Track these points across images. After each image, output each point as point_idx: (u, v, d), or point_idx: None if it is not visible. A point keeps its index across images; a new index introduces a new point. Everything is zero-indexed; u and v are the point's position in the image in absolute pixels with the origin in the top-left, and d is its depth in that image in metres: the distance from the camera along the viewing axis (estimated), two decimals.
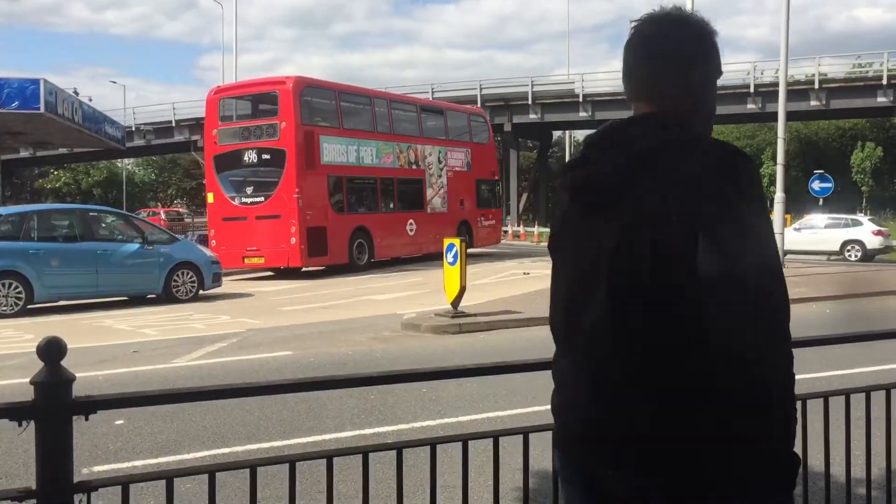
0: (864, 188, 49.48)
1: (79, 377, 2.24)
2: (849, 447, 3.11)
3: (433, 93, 43.70)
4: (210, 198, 20.84)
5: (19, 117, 18.89)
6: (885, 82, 37.10)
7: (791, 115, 24.35)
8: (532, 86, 44.70)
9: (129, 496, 2.25)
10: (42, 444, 2.08)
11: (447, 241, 11.58)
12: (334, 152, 20.68)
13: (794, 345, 1.63)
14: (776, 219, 20.55)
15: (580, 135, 68.71)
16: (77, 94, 24.62)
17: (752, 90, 39.13)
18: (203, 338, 10.74)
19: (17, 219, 14.12)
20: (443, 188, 24.68)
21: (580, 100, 43.43)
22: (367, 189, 22.30)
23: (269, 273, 20.78)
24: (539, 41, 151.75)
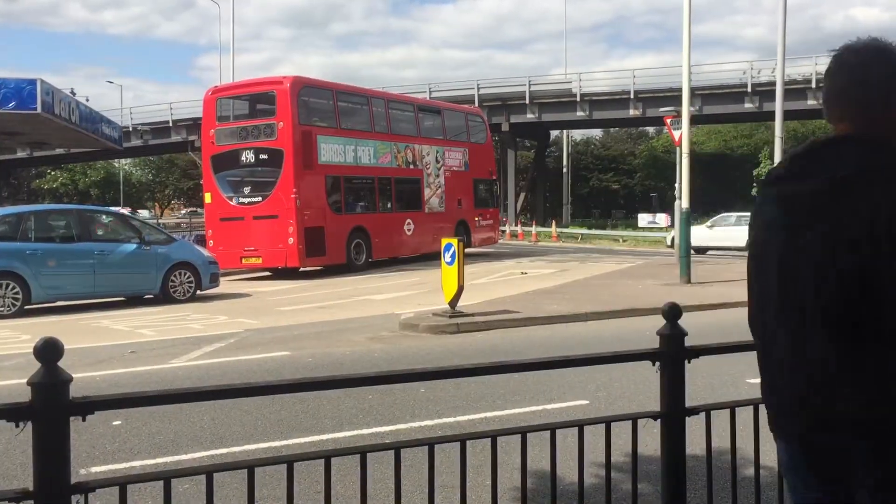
0: None
1: (76, 378, 2.24)
2: None
3: (430, 92, 43.70)
4: (207, 198, 20.81)
5: (16, 117, 18.85)
6: None
7: (788, 115, 24.36)
8: (529, 85, 44.71)
9: (126, 497, 2.25)
10: (39, 444, 2.08)
11: (445, 241, 11.57)
12: (332, 152, 20.66)
13: None
14: None
15: (577, 134, 68.77)
16: (74, 94, 24.60)
17: (750, 89, 39.16)
18: (201, 338, 10.73)
19: (14, 219, 14.09)
20: (440, 188, 24.67)
21: (577, 99, 43.44)
22: (365, 189, 22.28)
23: (267, 273, 20.75)
24: (537, 41, 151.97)
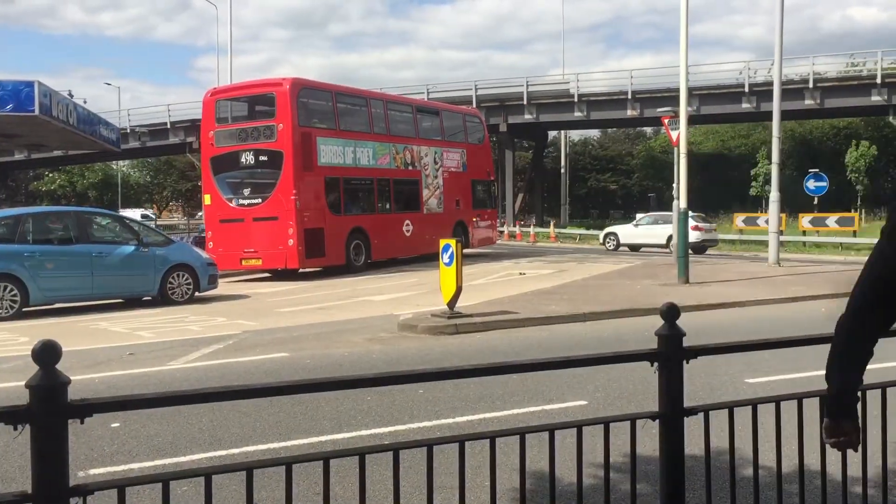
0: (858, 187, 49.52)
1: (74, 380, 2.24)
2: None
3: (428, 93, 43.72)
4: (207, 199, 20.80)
5: (14, 119, 18.85)
6: (879, 81, 37.20)
7: (786, 115, 24.38)
8: (527, 86, 44.74)
9: (125, 499, 2.25)
10: (37, 447, 2.08)
11: (443, 242, 11.57)
12: (331, 153, 20.66)
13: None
14: (771, 218, 20.61)
15: (575, 135, 68.80)
16: (72, 95, 24.52)
17: (747, 89, 39.22)
18: (199, 340, 10.72)
19: (11, 221, 14.08)
20: (439, 189, 24.68)
21: (575, 100, 43.47)
22: (364, 190, 22.28)
23: (266, 275, 20.75)
24: (535, 41, 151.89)
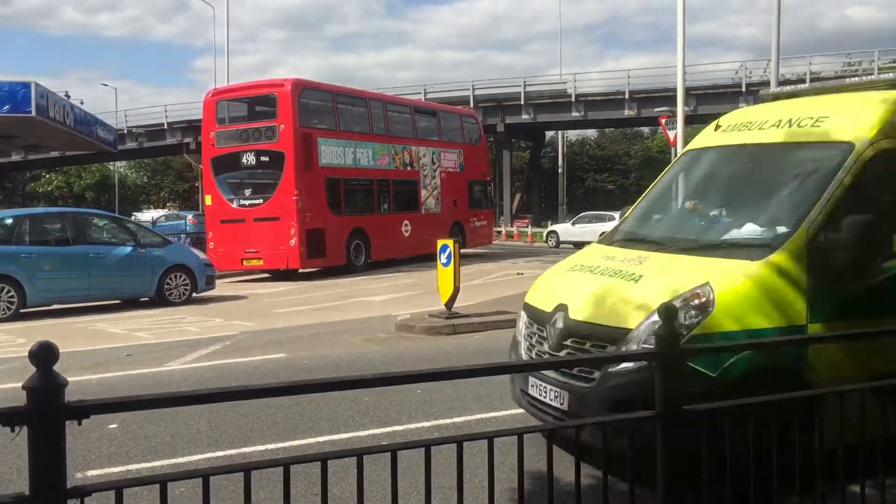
0: None
1: (72, 381, 2.23)
2: None
3: (426, 94, 43.72)
4: (208, 200, 20.80)
5: (10, 120, 18.80)
6: None
7: None
8: (524, 86, 44.75)
9: (122, 500, 2.24)
10: (35, 449, 2.07)
11: (441, 243, 11.56)
12: (331, 154, 20.66)
13: None
14: None
15: (573, 135, 68.77)
16: (69, 96, 24.50)
17: (744, 89, 39.26)
18: (197, 341, 10.71)
19: (9, 223, 14.05)
20: (436, 189, 24.69)
21: (572, 100, 43.48)
22: (364, 190, 22.27)
23: (265, 275, 20.74)
24: (532, 41, 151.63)
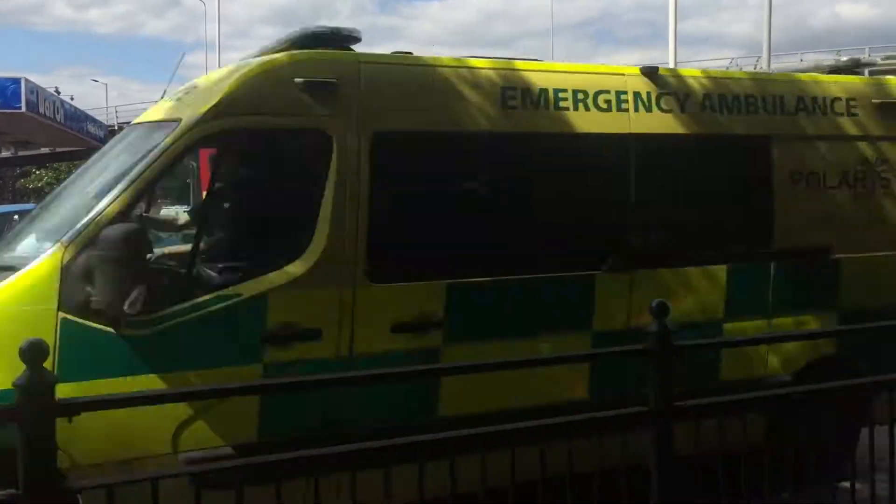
0: None
1: None
2: None
3: None
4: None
5: (0, 116, 18.70)
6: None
7: None
8: None
9: (114, 498, 2.23)
10: (26, 447, 2.06)
11: None
12: None
13: None
14: None
15: None
16: (59, 92, 24.40)
17: None
18: None
19: None
20: None
21: None
22: None
23: None
24: (524, 38, 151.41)
